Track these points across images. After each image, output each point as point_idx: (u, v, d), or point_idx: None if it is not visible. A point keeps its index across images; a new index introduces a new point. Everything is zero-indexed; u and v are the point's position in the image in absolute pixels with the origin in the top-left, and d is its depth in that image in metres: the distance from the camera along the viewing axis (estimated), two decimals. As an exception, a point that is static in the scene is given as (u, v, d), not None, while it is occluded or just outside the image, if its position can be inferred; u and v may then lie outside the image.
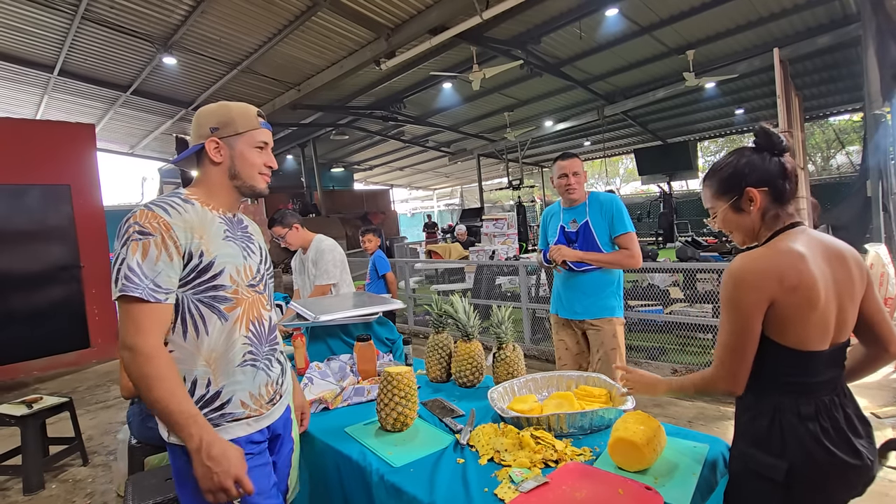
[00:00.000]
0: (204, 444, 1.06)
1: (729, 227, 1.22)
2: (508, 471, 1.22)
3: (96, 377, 5.38)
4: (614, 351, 2.38)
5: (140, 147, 13.74)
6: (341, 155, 16.84)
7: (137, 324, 1.08)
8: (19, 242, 5.45)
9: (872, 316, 1.16)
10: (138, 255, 1.09)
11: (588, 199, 2.46)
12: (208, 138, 1.24)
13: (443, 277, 8.62)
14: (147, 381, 1.06)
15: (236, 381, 1.21)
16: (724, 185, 1.19)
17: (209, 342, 1.18)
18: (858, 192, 6.24)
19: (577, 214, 2.47)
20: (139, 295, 1.07)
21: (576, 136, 14.92)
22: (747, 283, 1.06)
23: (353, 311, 2.28)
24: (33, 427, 2.93)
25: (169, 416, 1.07)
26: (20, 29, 6.93)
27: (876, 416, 2.98)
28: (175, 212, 1.16)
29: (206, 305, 1.18)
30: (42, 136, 5.78)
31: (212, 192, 1.27)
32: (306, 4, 6.17)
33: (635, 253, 2.35)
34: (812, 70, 9.72)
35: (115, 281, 1.09)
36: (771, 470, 1.06)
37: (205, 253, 1.17)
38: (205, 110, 1.28)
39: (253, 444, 1.22)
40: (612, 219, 2.39)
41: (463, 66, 8.26)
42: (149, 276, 1.09)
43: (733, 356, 1.09)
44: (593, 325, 2.42)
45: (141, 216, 1.12)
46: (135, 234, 1.09)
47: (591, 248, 2.39)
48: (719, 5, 6.89)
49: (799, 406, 1.06)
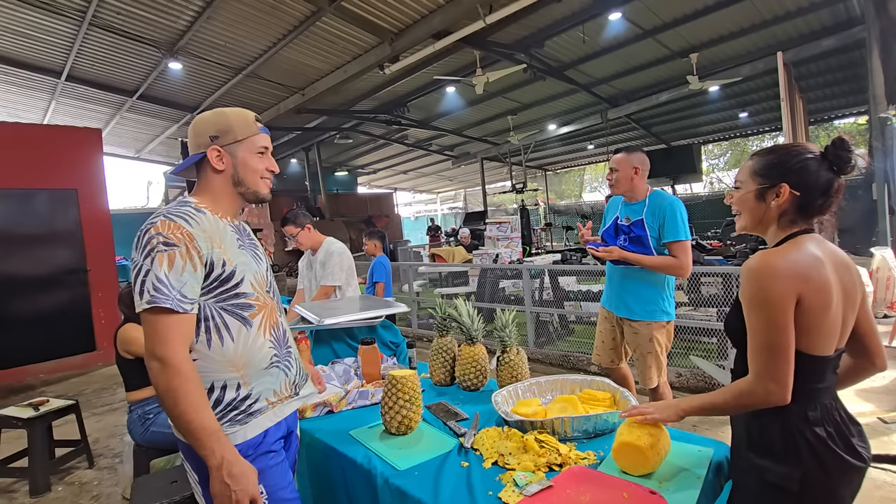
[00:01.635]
0: (225, 463, 1.07)
1: (742, 207, 1.18)
2: (512, 474, 1.22)
3: (102, 380, 5.40)
4: (650, 355, 2.36)
5: (146, 151, 13.84)
6: (345, 158, 16.90)
7: (165, 335, 1.08)
8: (27, 246, 5.50)
9: (864, 327, 1.16)
10: (165, 267, 1.09)
11: (648, 197, 2.42)
12: (209, 147, 1.24)
13: (446, 281, 8.63)
14: (174, 394, 1.07)
15: (264, 382, 1.24)
16: (765, 170, 1.14)
17: (234, 349, 1.19)
18: (864, 195, 6.21)
19: (633, 211, 2.44)
20: (169, 306, 1.08)
21: (579, 140, 14.92)
22: (778, 274, 1.02)
23: (358, 314, 2.29)
24: (40, 429, 2.94)
25: (192, 432, 1.08)
26: (29, 35, 7.01)
27: (883, 422, 2.95)
28: (195, 222, 1.17)
29: (230, 313, 1.20)
30: (49, 140, 5.83)
31: (217, 199, 1.27)
32: (311, 10, 6.22)
33: (684, 263, 2.27)
34: (816, 73, 9.70)
35: (139, 293, 1.08)
36: (786, 479, 1.04)
37: (226, 262, 1.19)
38: (202, 119, 1.27)
39: (276, 441, 1.26)
40: (665, 222, 2.32)
41: (466, 70, 8.29)
42: (176, 286, 1.10)
43: (775, 357, 1.02)
44: (631, 326, 2.41)
45: (163, 227, 1.12)
46: (160, 246, 1.10)
47: (639, 246, 2.36)
48: (723, 8, 6.89)
49: (807, 412, 1.06)
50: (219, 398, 1.17)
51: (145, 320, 1.09)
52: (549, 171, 20.64)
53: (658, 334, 2.36)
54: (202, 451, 1.08)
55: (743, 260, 5.35)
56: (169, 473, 1.89)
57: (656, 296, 2.38)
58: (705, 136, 14.78)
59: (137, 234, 1.13)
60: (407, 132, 13.34)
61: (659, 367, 2.38)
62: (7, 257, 5.37)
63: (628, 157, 2.43)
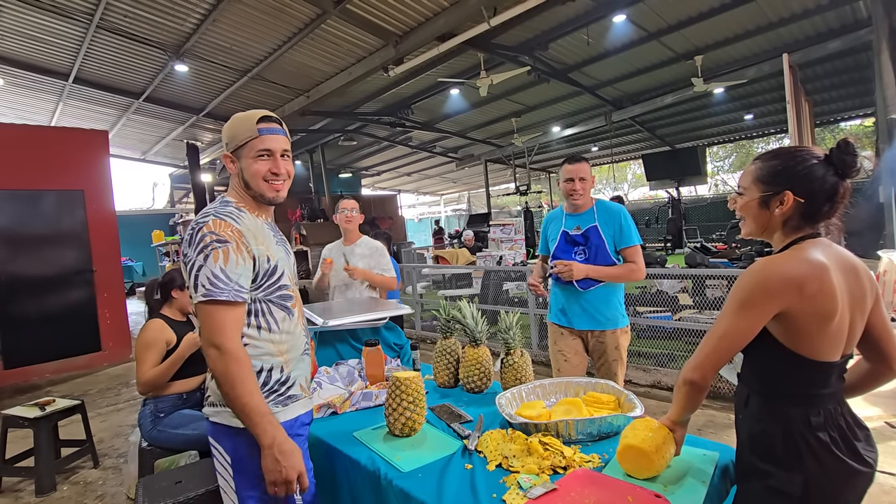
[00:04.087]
0: (276, 442, 1.17)
1: (746, 213, 1.18)
2: (516, 477, 1.22)
3: (107, 380, 5.43)
4: (616, 362, 2.36)
5: (152, 153, 13.91)
6: (349, 160, 16.93)
7: (222, 325, 1.18)
8: (34, 247, 5.54)
9: (879, 331, 1.14)
10: (220, 262, 1.19)
11: (595, 205, 2.40)
12: (223, 154, 1.36)
13: (450, 283, 8.62)
14: (231, 378, 1.16)
15: (299, 368, 1.37)
16: (769, 177, 1.12)
17: (279, 336, 1.31)
18: (871, 197, 6.16)
19: (582, 220, 2.40)
20: (225, 297, 1.18)
21: (583, 142, 14.90)
22: (771, 289, 1.03)
23: (362, 315, 2.29)
24: (46, 429, 2.96)
25: (247, 413, 1.17)
26: (37, 38, 7.07)
27: (890, 426, 2.92)
28: (240, 220, 1.28)
29: (275, 304, 1.31)
30: (57, 142, 5.88)
31: (244, 200, 1.36)
32: (316, 12, 6.24)
33: (641, 266, 2.34)
34: (823, 75, 9.64)
35: (194, 286, 1.19)
36: (789, 485, 1.04)
37: (270, 258, 1.30)
38: (225, 125, 1.37)
39: (304, 425, 1.40)
40: (621, 229, 2.33)
41: (470, 72, 8.30)
42: (232, 279, 1.20)
43: (718, 357, 1.08)
44: (597, 336, 2.39)
45: (215, 225, 1.22)
46: (214, 243, 1.19)
47: (601, 255, 2.34)
48: (728, 10, 6.86)
49: (809, 416, 1.05)
50: (266, 380, 1.28)
51: (202, 311, 1.19)
52: (552, 173, 20.59)
53: (622, 340, 2.38)
54: (255, 430, 1.17)
55: (748, 263, 5.32)
56: (173, 474, 1.89)
57: (617, 303, 2.40)
58: (710, 139, 14.71)
59: (189, 231, 1.24)
60: (411, 134, 13.35)
61: (623, 371, 2.41)
62: (14, 257, 5.42)
63: (588, 166, 2.38)
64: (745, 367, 1.16)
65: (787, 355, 1.06)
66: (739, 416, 1.18)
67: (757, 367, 1.13)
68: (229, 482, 1.27)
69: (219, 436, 1.28)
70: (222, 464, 1.28)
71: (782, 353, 1.06)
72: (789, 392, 1.07)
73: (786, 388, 1.08)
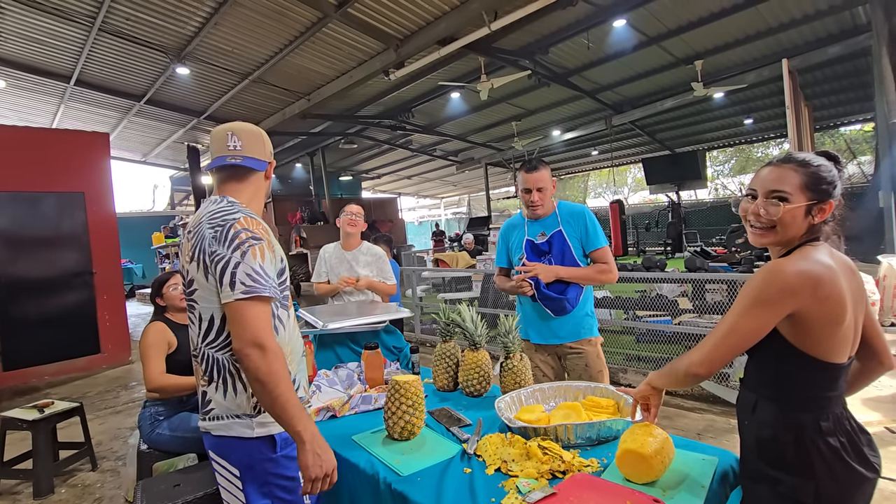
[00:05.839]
0: (315, 437, 1.17)
1: (789, 221, 1.08)
2: (515, 481, 1.22)
3: (106, 382, 5.42)
4: (601, 373, 2.20)
5: (152, 155, 13.94)
6: (350, 163, 16.96)
7: (261, 322, 1.15)
8: (34, 249, 5.54)
9: (869, 331, 1.16)
10: (259, 258, 1.18)
11: (557, 208, 2.26)
12: (271, 162, 1.40)
13: (450, 286, 8.62)
14: (276, 376, 1.13)
15: (300, 369, 1.37)
16: (817, 184, 1.07)
17: (286, 336, 1.31)
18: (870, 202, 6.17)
19: (546, 226, 2.23)
20: (268, 294, 1.16)
21: (583, 146, 14.92)
22: (790, 286, 1.01)
23: (361, 319, 2.29)
24: (44, 432, 2.95)
25: (288, 410, 1.14)
26: (39, 40, 7.10)
27: (890, 431, 2.92)
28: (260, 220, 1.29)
29: (281, 305, 1.31)
30: (58, 144, 5.89)
31: (257, 201, 1.37)
32: (317, 16, 6.27)
33: (613, 267, 2.18)
34: (822, 80, 9.67)
35: (230, 284, 1.14)
36: (800, 492, 1.03)
37: (283, 258, 1.33)
38: (263, 134, 1.39)
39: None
40: (587, 232, 2.19)
41: (471, 76, 8.32)
42: (270, 275, 1.20)
43: (725, 352, 1.08)
44: (573, 349, 2.21)
45: (247, 223, 1.21)
46: (250, 240, 1.18)
47: (568, 259, 2.18)
48: (728, 15, 6.89)
49: (819, 422, 1.05)
50: None
51: (239, 309, 1.14)
52: (553, 177, 20.62)
53: (599, 347, 2.25)
54: (296, 427, 1.15)
55: (748, 267, 5.33)
56: (172, 477, 1.89)
57: (590, 309, 2.27)
58: (710, 143, 14.73)
59: (216, 228, 1.19)
60: (411, 137, 13.38)
61: (605, 379, 2.25)
62: (14, 259, 5.42)
63: (548, 172, 2.23)
64: (752, 371, 1.15)
65: (798, 357, 1.05)
66: (745, 422, 1.16)
67: (766, 371, 1.11)
68: (237, 495, 1.23)
69: (224, 450, 1.24)
70: (227, 478, 1.24)
71: (793, 354, 1.05)
72: (800, 396, 1.06)
73: (797, 393, 1.07)
